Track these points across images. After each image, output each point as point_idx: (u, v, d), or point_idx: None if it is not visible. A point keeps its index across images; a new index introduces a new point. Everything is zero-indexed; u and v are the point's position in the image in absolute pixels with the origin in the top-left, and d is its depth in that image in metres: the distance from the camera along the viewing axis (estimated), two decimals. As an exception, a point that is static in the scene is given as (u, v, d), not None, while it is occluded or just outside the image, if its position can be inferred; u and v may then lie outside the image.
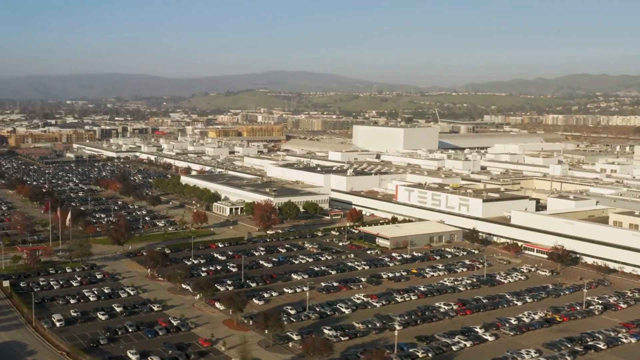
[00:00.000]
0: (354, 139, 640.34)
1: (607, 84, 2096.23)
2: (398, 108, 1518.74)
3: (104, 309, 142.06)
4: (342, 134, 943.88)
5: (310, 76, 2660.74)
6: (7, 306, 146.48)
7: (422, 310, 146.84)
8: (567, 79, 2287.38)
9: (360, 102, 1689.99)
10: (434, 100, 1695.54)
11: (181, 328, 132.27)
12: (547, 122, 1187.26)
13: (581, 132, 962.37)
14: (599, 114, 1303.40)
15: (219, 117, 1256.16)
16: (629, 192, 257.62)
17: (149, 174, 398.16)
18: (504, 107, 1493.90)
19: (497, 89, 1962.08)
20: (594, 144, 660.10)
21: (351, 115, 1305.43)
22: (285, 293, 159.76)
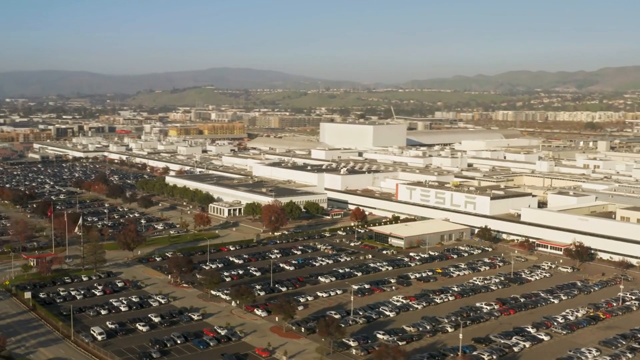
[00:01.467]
0: (321, 136, 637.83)
1: (545, 81, 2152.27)
2: (347, 105, 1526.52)
3: (142, 320, 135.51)
4: (301, 131, 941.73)
5: (254, 73, 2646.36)
6: (34, 319, 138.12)
7: (467, 311, 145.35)
8: (506, 76, 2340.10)
9: (308, 99, 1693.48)
10: (381, 97, 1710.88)
11: (231, 337, 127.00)
12: (497, 118, 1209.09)
13: (534, 127, 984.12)
14: (543, 109, 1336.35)
15: (171, 115, 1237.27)
16: (621, 188, 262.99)
17: (124, 174, 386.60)
18: (450, 104, 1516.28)
19: (439, 85, 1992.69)
20: (554, 140, 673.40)
21: (302, 112, 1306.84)
22: (319, 297, 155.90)
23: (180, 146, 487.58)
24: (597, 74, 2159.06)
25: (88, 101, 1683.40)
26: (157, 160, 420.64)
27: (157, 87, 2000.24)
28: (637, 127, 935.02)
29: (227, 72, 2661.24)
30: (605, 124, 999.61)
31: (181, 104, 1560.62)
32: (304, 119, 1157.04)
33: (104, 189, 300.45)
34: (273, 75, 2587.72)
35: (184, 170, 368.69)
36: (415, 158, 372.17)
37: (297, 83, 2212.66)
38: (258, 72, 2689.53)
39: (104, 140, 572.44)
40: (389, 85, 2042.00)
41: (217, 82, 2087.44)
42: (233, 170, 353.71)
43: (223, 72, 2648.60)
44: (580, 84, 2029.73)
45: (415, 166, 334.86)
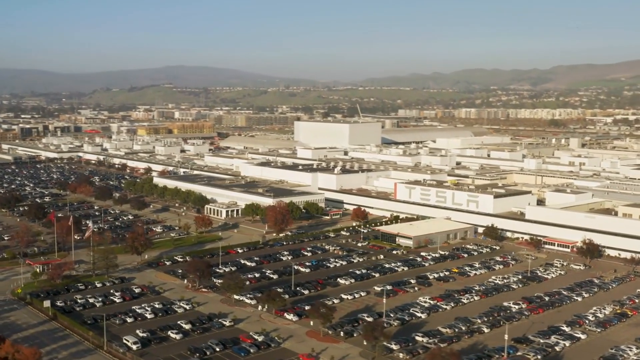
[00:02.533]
0: (295, 135, 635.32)
1: (500, 78, 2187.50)
2: (308, 103, 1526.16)
3: (172, 327, 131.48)
4: (269, 130, 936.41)
5: (210, 71, 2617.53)
6: (58, 329, 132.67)
7: (497, 310, 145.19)
8: (462, 74, 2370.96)
9: (269, 97, 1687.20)
10: (341, 95, 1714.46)
11: (270, 344, 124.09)
12: (460, 116, 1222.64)
13: (499, 125, 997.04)
14: (502, 107, 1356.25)
15: (133, 114, 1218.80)
16: (613, 185, 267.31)
17: (104, 175, 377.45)
18: (409, 102, 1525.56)
19: (396, 83, 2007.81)
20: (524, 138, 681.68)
21: (265, 111, 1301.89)
22: (345, 299, 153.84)
23: (158, 146, 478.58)
24: (550, 72, 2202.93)
25: (43, 100, 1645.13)
26: (136, 161, 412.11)
27: (113, 86, 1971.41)
28: (599, 124, 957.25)
29: (183, 70, 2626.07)
30: (566, 121, 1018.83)
31: (140, 102, 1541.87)
32: (270, 118, 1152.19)
33: (90, 190, 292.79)
34: (230, 74, 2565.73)
35: (167, 171, 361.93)
36: (403, 157, 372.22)
37: (254, 81, 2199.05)
38: (214, 70, 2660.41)
39: (75, 140, 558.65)
40: (347, 84, 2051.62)
41: (174, 80, 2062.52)
42: (219, 171, 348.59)
43: (179, 70, 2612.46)
44: (534, 82, 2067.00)
45: (405, 165, 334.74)
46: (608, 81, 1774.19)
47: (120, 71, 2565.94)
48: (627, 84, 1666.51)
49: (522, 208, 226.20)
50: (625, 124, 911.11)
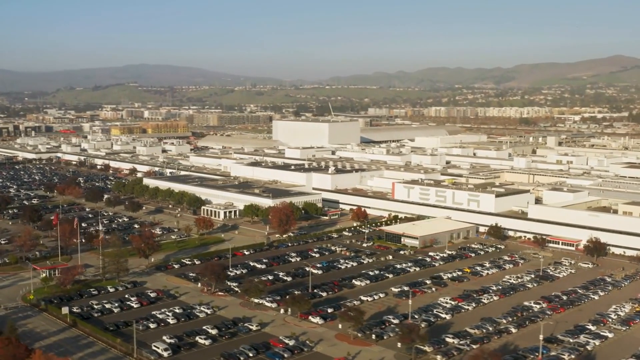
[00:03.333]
0: (274, 134, 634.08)
1: (464, 77, 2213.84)
2: (275, 102, 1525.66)
3: (198, 332, 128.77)
4: (242, 129, 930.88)
5: (173, 69, 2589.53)
6: (81, 336, 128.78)
7: (519, 310, 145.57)
8: (426, 72, 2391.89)
9: (236, 96, 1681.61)
10: (308, 94, 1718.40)
11: (303, 348, 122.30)
12: (430, 115, 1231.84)
13: (470, 123, 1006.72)
14: (468, 105, 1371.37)
15: (101, 114, 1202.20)
16: (606, 183, 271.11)
17: (88, 176, 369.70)
18: (377, 100, 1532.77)
19: (362, 81, 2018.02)
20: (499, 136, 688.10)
21: (234, 109, 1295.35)
22: (365, 301, 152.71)
23: (139, 146, 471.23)
24: (513, 71, 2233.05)
25: (5, 99, 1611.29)
26: (119, 161, 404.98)
27: (76, 84, 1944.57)
28: (568, 122, 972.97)
29: (146, 68, 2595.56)
30: (536, 120, 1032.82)
31: (105, 101, 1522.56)
32: (242, 117, 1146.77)
33: (79, 192, 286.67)
34: (193, 72, 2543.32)
35: (153, 172, 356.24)
36: (393, 156, 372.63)
37: (219, 80, 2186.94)
38: (178, 68, 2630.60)
39: (51, 141, 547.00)
40: (312, 82, 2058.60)
41: (137, 78, 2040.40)
42: (207, 171, 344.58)
43: (141, 68, 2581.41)
44: (497, 80, 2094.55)
45: (395, 164, 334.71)
46: (570, 80, 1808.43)
47: (82, 70, 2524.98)
48: (589, 83, 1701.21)
49: (523, 207, 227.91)
50: (593, 122, 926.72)
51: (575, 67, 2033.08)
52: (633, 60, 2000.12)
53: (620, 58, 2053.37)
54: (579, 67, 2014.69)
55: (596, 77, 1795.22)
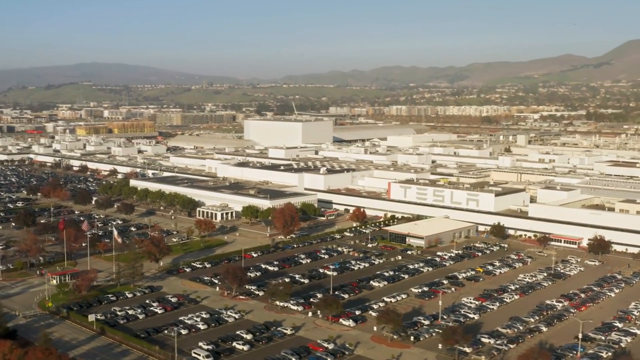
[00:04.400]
0: (246, 133, 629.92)
1: (418, 76, 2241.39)
2: (233, 100, 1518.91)
3: (233, 338, 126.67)
4: (206, 128, 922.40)
5: (126, 68, 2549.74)
6: (113, 344, 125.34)
7: (544, 308, 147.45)
8: (381, 71, 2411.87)
9: (193, 95, 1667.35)
10: (266, 93, 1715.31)
11: (344, 352, 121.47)
12: (391, 113, 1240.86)
13: (434, 122, 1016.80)
14: (426, 103, 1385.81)
15: (59, 113, 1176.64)
16: (593, 181, 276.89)
17: (66, 178, 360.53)
18: (335, 99, 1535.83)
19: (316, 80, 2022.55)
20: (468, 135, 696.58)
21: (193, 109, 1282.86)
22: (389, 303, 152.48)
23: (114, 147, 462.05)
24: (466, 70, 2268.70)
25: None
26: (97, 162, 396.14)
27: (27, 83, 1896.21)
28: (529, 120, 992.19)
29: (97, 67, 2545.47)
30: (497, 118, 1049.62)
31: (59, 100, 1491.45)
32: (206, 116, 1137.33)
33: (66, 194, 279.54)
34: (146, 71, 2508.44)
35: (135, 173, 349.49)
36: (379, 156, 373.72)
37: (172, 78, 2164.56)
38: (130, 67, 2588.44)
39: (20, 141, 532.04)
40: (266, 81, 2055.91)
41: (89, 77, 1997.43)
42: (192, 172, 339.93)
43: (93, 67, 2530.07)
44: (451, 79, 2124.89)
45: (382, 164, 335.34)
46: (522, 78, 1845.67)
47: (33, 68, 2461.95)
48: (541, 81, 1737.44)
49: (520, 206, 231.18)
50: (553, 120, 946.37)
51: (527, 66, 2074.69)
52: (582, 59, 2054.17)
53: (570, 57, 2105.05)
54: (530, 66, 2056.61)
55: (547, 76, 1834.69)
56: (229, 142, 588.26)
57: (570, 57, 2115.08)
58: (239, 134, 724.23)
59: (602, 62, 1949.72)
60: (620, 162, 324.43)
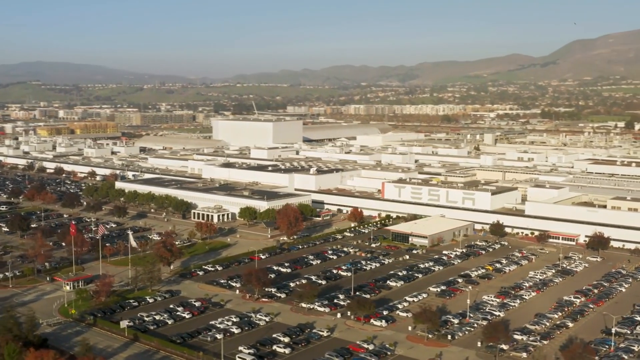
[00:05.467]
0: (214, 133, 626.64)
1: (369, 75, 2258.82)
2: (187, 100, 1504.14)
3: (271, 342, 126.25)
4: (168, 128, 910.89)
5: (72, 67, 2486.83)
6: (150, 351, 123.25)
7: (564, 304, 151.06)
8: (332, 70, 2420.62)
9: (145, 95, 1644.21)
10: (220, 92, 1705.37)
11: (386, 352, 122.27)
12: (349, 112, 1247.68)
13: (394, 121, 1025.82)
14: (380, 102, 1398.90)
15: (12, 113, 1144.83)
16: (577, 179, 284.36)
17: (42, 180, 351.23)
18: (289, 98, 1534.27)
19: (267, 79, 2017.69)
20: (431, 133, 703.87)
21: (148, 109, 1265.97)
22: (411, 302, 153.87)
23: (86, 148, 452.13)
24: (416, 69, 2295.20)
25: None
26: (72, 164, 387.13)
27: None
28: (487, 119, 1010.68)
29: (42, 66, 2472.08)
30: (456, 117, 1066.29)
31: (7, 100, 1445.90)
32: (165, 116, 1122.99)
33: (52, 198, 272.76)
34: (94, 70, 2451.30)
35: (115, 174, 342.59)
36: (361, 155, 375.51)
37: (121, 78, 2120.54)
38: (77, 66, 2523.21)
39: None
40: (217, 80, 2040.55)
41: (34, 76, 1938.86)
42: (175, 173, 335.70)
43: (38, 66, 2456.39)
44: (402, 78, 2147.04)
45: (366, 164, 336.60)
46: (472, 77, 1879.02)
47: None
48: (489, 80, 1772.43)
49: (516, 204, 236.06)
50: (511, 119, 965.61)
51: (475, 65, 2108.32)
52: (529, 58, 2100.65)
53: (517, 57, 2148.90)
54: (479, 65, 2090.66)
55: (496, 75, 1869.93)
56: (199, 143, 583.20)
57: (517, 56, 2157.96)
58: (203, 134, 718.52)
59: (549, 62, 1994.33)
60: (599, 160, 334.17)
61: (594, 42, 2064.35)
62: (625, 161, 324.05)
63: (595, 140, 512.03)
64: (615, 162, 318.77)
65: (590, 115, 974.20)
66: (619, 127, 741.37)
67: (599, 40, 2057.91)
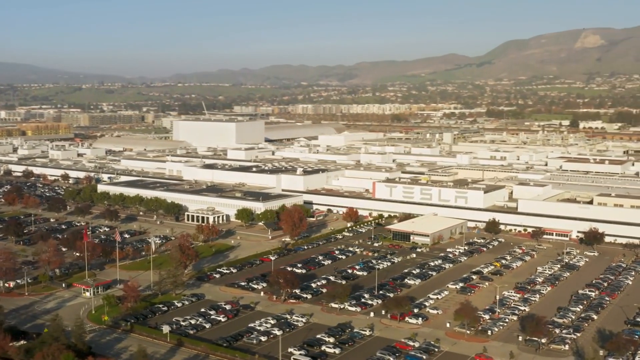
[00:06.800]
0: (175, 134, 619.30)
1: (308, 74, 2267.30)
2: (128, 100, 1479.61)
3: (319, 342, 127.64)
4: (119, 129, 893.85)
5: (2, 67, 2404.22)
6: (200, 355, 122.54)
7: (584, 298, 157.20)
8: (271, 70, 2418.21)
9: (84, 94, 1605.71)
10: (161, 92, 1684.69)
11: (434, 349, 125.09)
12: (297, 112, 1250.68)
13: (345, 120, 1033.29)
14: (324, 102, 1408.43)
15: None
16: (555, 176, 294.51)
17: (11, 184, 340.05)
18: (232, 98, 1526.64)
19: (206, 79, 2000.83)
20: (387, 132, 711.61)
21: (90, 109, 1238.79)
22: (435, 299, 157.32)
23: (52, 150, 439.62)
24: (355, 68, 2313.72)
25: None
26: (41, 167, 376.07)
27: None
28: (435, 117, 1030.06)
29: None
30: (405, 116, 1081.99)
31: None
32: (114, 116, 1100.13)
33: (35, 201, 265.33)
34: (24, 69, 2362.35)
35: (90, 177, 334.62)
36: (340, 155, 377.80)
37: (55, 77, 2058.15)
38: (6, 65, 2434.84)
39: None
40: (155, 79, 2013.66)
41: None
42: (153, 175, 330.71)
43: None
44: (341, 78, 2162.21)
45: (345, 164, 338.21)
46: (410, 77, 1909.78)
47: None
48: (427, 80, 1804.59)
49: (507, 201, 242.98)
50: (458, 118, 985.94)
51: (413, 65, 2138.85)
52: (465, 58, 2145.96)
53: (454, 56, 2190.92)
54: (416, 65, 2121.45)
55: (434, 75, 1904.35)
56: (161, 144, 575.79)
57: (454, 56, 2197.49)
58: (159, 135, 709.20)
59: (484, 62, 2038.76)
60: (572, 158, 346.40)
61: (527, 42, 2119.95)
62: (598, 159, 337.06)
63: (552, 139, 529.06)
64: (589, 160, 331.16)
65: (532, 114, 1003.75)
66: (564, 126, 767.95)
67: (532, 41, 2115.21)
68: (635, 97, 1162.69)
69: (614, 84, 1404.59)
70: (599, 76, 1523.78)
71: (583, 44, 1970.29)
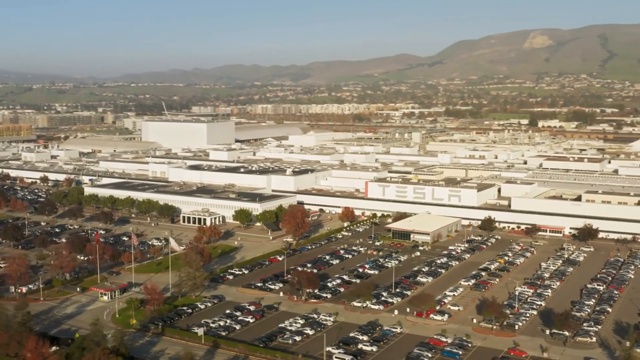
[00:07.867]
0: (144, 135, 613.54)
1: (261, 74, 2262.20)
2: (81, 100, 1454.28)
3: (355, 340, 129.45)
4: (80, 129, 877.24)
5: None
6: (239, 357, 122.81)
7: (592, 292, 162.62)
8: (223, 70, 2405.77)
9: (35, 95, 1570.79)
10: (114, 92, 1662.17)
11: (466, 345, 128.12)
12: (257, 112, 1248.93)
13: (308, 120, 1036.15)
14: (280, 102, 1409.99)
15: None
16: (538, 175, 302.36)
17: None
18: (187, 98, 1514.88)
19: (158, 78, 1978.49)
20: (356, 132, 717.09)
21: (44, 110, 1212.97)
22: (452, 296, 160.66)
23: (24, 152, 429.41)
24: (308, 68, 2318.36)
25: None
26: (17, 169, 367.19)
27: None
28: (396, 117, 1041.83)
29: None
30: (366, 116, 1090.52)
31: None
32: (73, 117, 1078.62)
33: (23, 205, 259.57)
34: None
35: (70, 179, 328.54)
36: (323, 156, 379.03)
37: (2, 77, 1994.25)
38: None
39: None
40: (105, 79, 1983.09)
41: None
42: (136, 176, 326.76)
43: None
44: (294, 77, 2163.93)
45: (329, 164, 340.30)
46: (363, 77, 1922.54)
47: None
48: (381, 79, 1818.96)
49: (499, 199, 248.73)
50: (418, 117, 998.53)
51: (365, 65, 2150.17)
52: (417, 58, 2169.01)
53: (406, 56, 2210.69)
54: (369, 65, 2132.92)
55: (387, 75, 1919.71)
56: (131, 145, 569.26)
57: (406, 56, 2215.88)
58: (124, 136, 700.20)
59: (436, 62, 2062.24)
60: (551, 157, 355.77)
61: (477, 42, 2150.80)
62: (577, 157, 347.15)
63: (520, 138, 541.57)
64: (568, 159, 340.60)
65: (489, 113, 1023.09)
66: (523, 125, 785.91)
67: (482, 41, 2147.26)
68: (585, 96, 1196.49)
69: (562, 84, 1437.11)
70: (548, 76, 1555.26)
71: (531, 44, 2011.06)
